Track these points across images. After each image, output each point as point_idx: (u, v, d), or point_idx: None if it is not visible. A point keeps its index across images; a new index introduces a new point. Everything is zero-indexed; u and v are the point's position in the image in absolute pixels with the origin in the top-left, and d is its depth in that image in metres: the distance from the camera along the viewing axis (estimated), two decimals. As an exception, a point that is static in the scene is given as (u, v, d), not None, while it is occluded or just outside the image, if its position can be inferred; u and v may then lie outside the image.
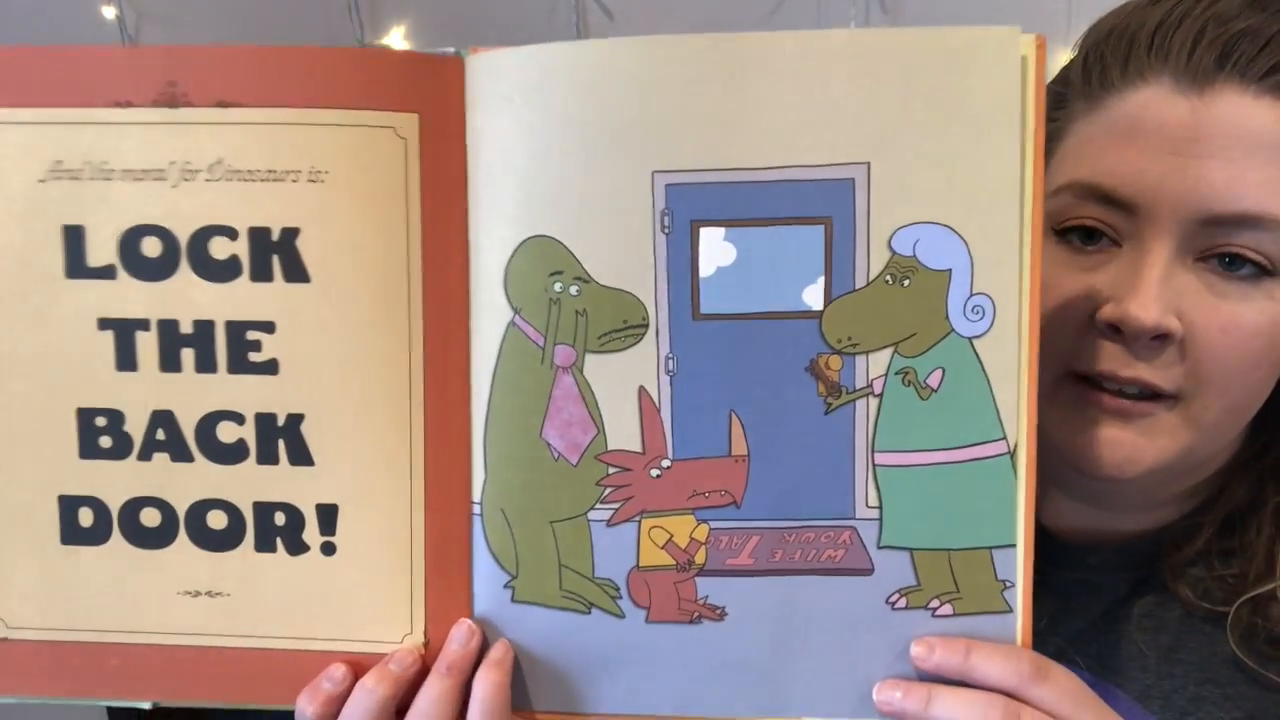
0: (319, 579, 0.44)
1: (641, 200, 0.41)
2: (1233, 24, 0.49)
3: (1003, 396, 0.41)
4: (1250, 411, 0.54)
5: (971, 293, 0.41)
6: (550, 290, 0.42)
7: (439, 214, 0.43)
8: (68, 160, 0.43)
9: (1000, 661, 0.42)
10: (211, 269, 0.43)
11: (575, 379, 0.42)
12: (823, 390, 0.41)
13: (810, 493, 0.42)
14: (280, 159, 0.42)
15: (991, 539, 0.42)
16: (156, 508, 0.45)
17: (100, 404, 0.44)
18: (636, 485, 0.43)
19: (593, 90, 0.41)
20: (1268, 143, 0.48)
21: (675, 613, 0.43)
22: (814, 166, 0.40)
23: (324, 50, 0.42)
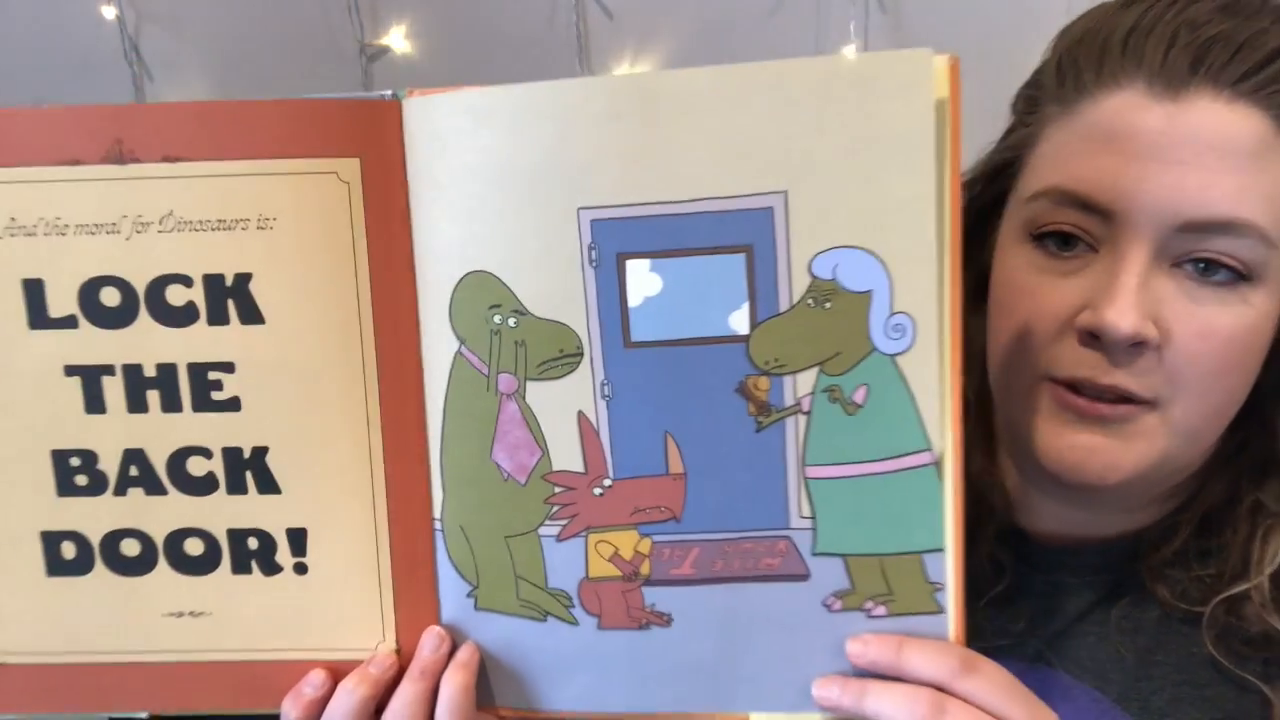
0: (294, 596, 0.48)
1: (569, 236, 0.43)
2: (1205, 29, 0.49)
3: (926, 409, 0.43)
4: (1227, 415, 0.54)
5: (892, 312, 0.42)
6: (491, 322, 0.44)
7: (385, 252, 0.45)
8: (21, 217, 0.45)
9: (930, 656, 0.43)
10: (170, 315, 0.45)
11: (519, 405, 0.45)
12: (753, 410, 0.44)
13: (746, 506, 0.45)
14: (229, 209, 0.44)
15: (921, 544, 0.44)
16: (136, 538, 0.48)
17: (73, 445, 0.47)
18: (581, 503, 0.45)
19: (517, 133, 0.42)
20: (1241, 148, 0.48)
21: (625, 619, 0.46)
22: (733, 197, 0.42)
23: (264, 103, 0.44)
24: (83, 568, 0.48)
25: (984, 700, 0.43)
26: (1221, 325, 0.50)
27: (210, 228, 0.44)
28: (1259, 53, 0.49)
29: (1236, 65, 0.48)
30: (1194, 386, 0.50)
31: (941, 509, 0.44)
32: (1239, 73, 0.48)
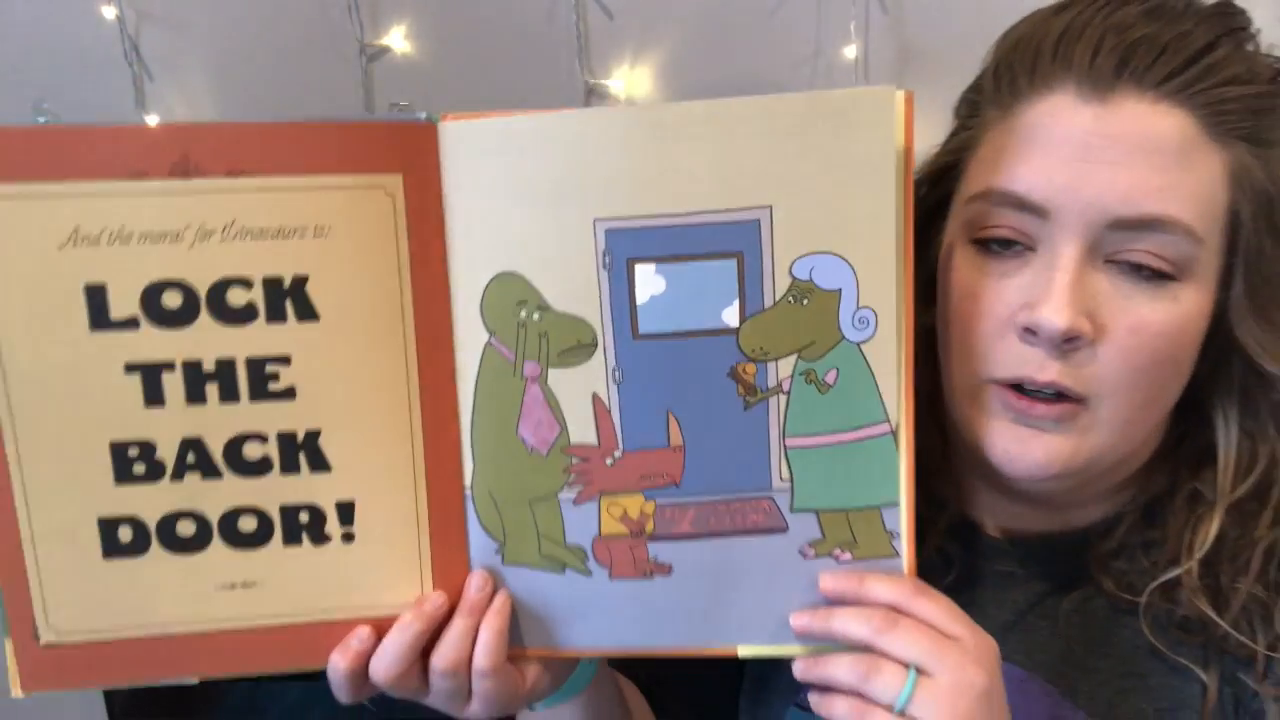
0: (341, 563, 0.53)
1: (587, 243, 0.50)
2: (1130, 33, 0.51)
3: (885, 388, 0.51)
4: (1162, 407, 0.56)
5: (858, 307, 0.51)
6: (518, 316, 0.52)
7: (423, 256, 0.51)
8: (85, 227, 0.49)
9: (887, 583, 0.51)
10: (230, 315, 0.50)
11: (541, 388, 0.52)
12: (741, 391, 0.52)
13: (735, 472, 0.53)
14: (288, 218, 0.49)
15: (880, 499, 0.53)
16: (191, 519, 0.52)
17: (131, 437, 0.51)
18: (595, 472, 0.53)
19: (542, 155, 0.50)
20: (1166, 147, 0.50)
21: (632, 570, 0.54)
22: (727, 211, 0.50)
23: (320, 125, 0.50)
24: (139, 549, 0.52)
25: (933, 618, 0.49)
26: (1152, 321, 0.52)
27: (270, 235, 0.50)
28: (1182, 54, 0.51)
29: (1160, 67, 0.51)
30: (1126, 380, 0.52)
31: (898, 470, 0.52)
32: (1162, 74, 0.50)
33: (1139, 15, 0.52)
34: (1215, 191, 0.52)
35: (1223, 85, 0.52)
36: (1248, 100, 0.52)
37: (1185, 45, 0.51)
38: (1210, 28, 0.53)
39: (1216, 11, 0.55)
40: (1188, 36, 0.52)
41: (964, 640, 0.49)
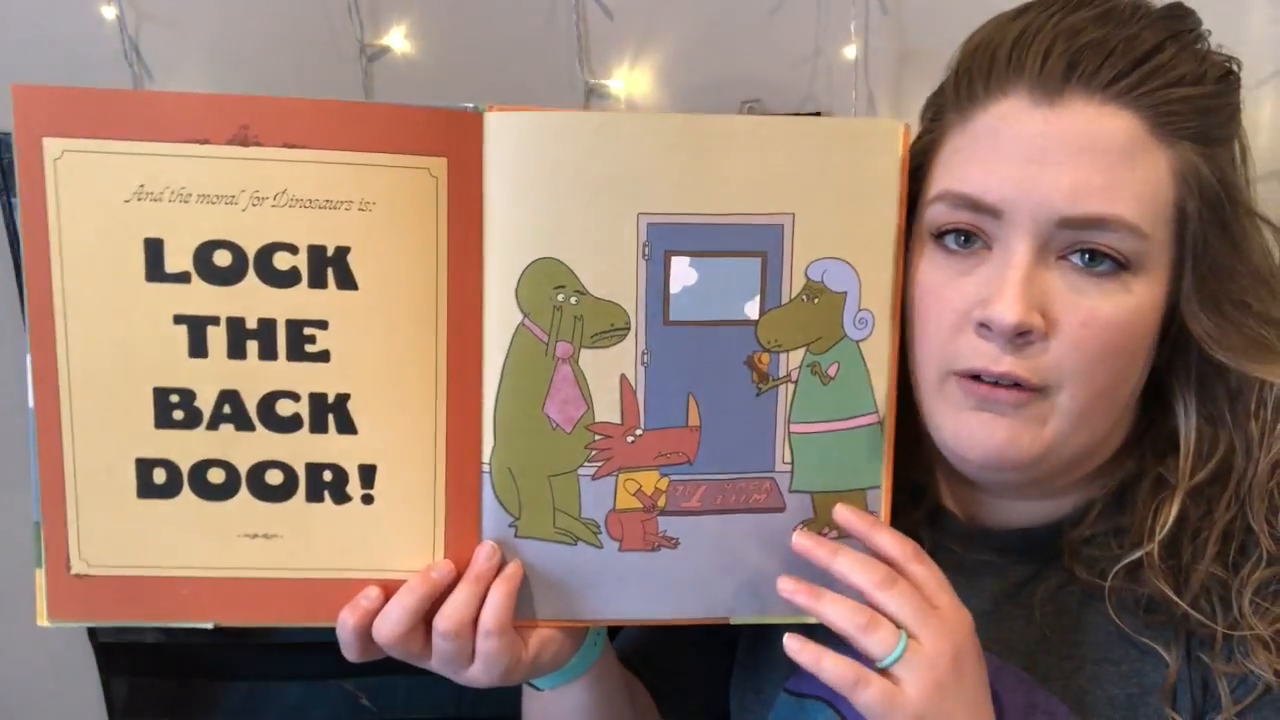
0: (359, 523, 0.56)
1: (629, 234, 0.54)
2: (1079, 37, 0.53)
3: (877, 382, 0.57)
4: (1120, 397, 0.57)
5: (859, 308, 0.56)
6: (554, 299, 0.54)
7: (461, 236, 0.54)
8: (149, 185, 0.52)
9: (894, 538, 0.54)
10: (275, 277, 0.53)
11: (572, 368, 0.55)
12: (755, 378, 0.56)
13: (743, 453, 0.56)
14: (336, 191, 0.52)
15: (865, 483, 0.58)
16: (222, 468, 0.55)
17: (174, 384, 0.54)
18: (616, 448, 0.56)
19: (591, 151, 0.53)
20: (1113, 148, 0.52)
21: (641, 543, 0.57)
22: (755, 214, 0.54)
23: (373, 106, 0.53)
24: (171, 491, 0.55)
25: (925, 584, 0.52)
26: (1103, 313, 0.54)
27: (318, 206, 0.52)
28: (1128, 57, 0.53)
29: (1107, 70, 0.53)
30: (1080, 371, 0.54)
31: (882, 457, 0.57)
32: (1109, 76, 0.52)
33: (1089, 20, 0.54)
34: (1160, 189, 0.54)
35: (1169, 87, 0.53)
36: (1194, 101, 0.54)
37: (1132, 48, 0.53)
38: (1158, 30, 0.55)
39: (1166, 15, 0.56)
40: (1135, 39, 0.54)
41: (944, 610, 0.52)
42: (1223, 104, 0.56)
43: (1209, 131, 0.55)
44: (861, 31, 0.87)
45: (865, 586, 0.52)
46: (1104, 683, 0.59)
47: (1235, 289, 0.56)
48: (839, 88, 0.87)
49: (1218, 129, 0.56)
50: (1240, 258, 0.57)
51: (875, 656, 0.51)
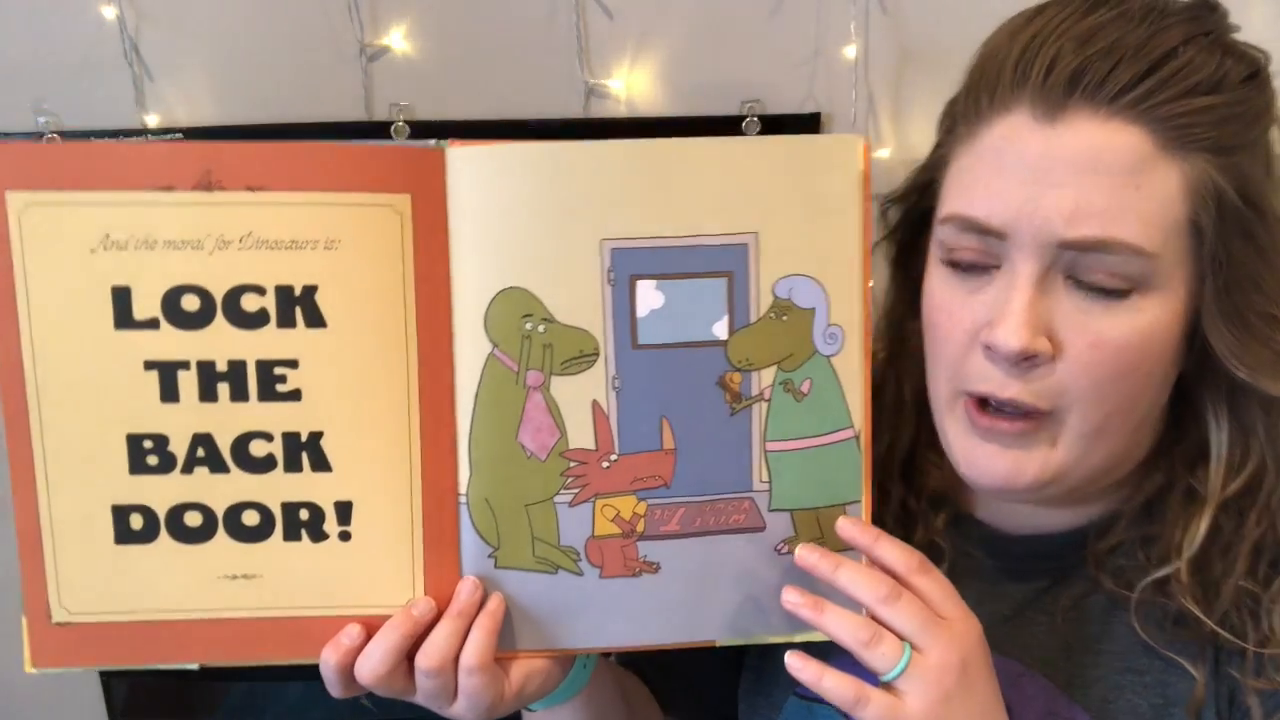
0: (337, 560, 0.56)
1: (593, 260, 0.54)
2: (1087, 46, 0.50)
3: (851, 397, 0.57)
4: (1138, 414, 0.55)
5: (829, 324, 0.56)
6: (523, 328, 0.55)
7: (428, 270, 0.54)
8: (115, 233, 0.52)
9: (898, 549, 0.53)
10: (243, 319, 0.53)
11: (544, 396, 0.55)
12: (728, 398, 0.56)
13: (720, 474, 0.56)
14: (301, 231, 0.53)
15: (845, 497, 0.57)
16: (198, 510, 0.55)
17: (146, 429, 0.54)
18: (591, 475, 0.56)
19: (553, 181, 0.53)
20: (1115, 167, 0.50)
21: (622, 569, 0.57)
22: (718, 235, 0.54)
23: (336, 146, 0.53)
24: (148, 537, 0.55)
25: (931, 596, 0.52)
26: (1113, 335, 0.52)
27: (284, 246, 0.53)
28: (1137, 65, 0.50)
29: (1113, 82, 0.50)
30: (1089, 394, 0.53)
31: (860, 470, 0.57)
32: (1115, 89, 0.50)
33: (1102, 24, 0.52)
34: (1170, 206, 0.52)
35: (1182, 97, 0.51)
36: (1210, 110, 0.51)
37: (1143, 55, 0.51)
38: (1175, 33, 0.52)
39: (1187, 14, 0.53)
40: (1146, 45, 0.51)
41: (954, 622, 0.51)
42: (1245, 110, 0.53)
43: (1228, 139, 0.52)
44: (861, 31, 0.87)
45: (869, 600, 0.52)
46: (1128, 693, 0.58)
47: (1261, 301, 0.54)
48: (839, 88, 0.88)
49: (1239, 135, 0.53)
50: (1268, 268, 0.54)
51: (879, 671, 0.51)
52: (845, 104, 0.89)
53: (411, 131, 0.91)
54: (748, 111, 0.89)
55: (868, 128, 0.91)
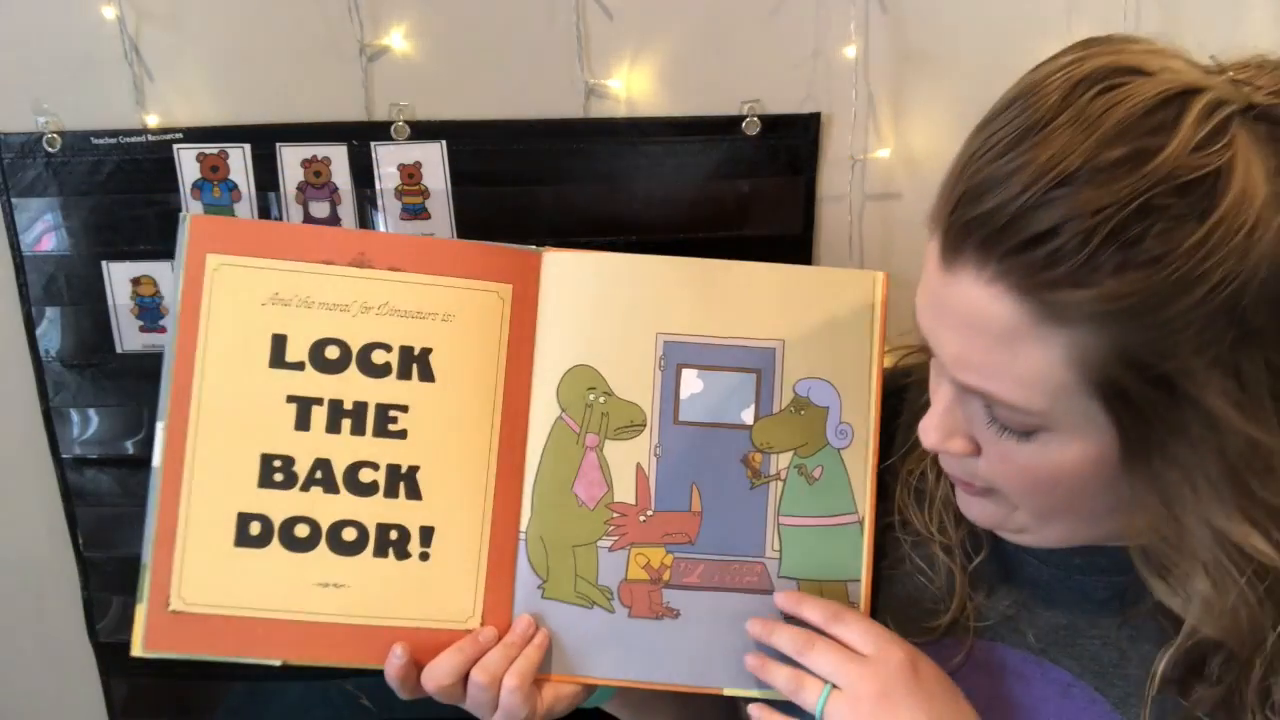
0: (414, 577, 0.67)
1: (649, 349, 0.68)
2: (982, 200, 0.46)
3: (857, 486, 0.67)
4: (1084, 512, 0.54)
5: (840, 421, 0.67)
6: (587, 399, 0.68)
7: (517, 345, 0.68)
8: (282, 293, 0.67)
9: (815, 606, 0.61)
10: (371, 369, 0.67)
11: (598, 455, 0.68)
12: (749, 474, 0.67)
13: (738, 539, 0.67)
14: (427, 305, 0.67)
15: (847, 575, 0.67)
16: (307, 524, 0.66)
17: (278, 451, 0.66)
18: (630, 525, 0.68)
19: (622, 283, 0.68)
20: (993, 329, 0.48)
21: (648, 611, 0.67)
22: (753, 339, 0.68)
23: (460, 243, 0.69)
24: (263, 542, 0.66)
25: (847, 639, 0.59)
26: (1019, 457, 0.51)
27: (412, 316, 0.67)
28: (1016, 237, 0.45)
29: (996, 245, 0.46)
30: (1016, 494, 0.54)
31: (862, 553, 0.67)
32: (999, 253, 0.46)
33: (1009, 171, 0.46)
34: (1051, 373, 0.48)
35: (1060, 284, 0.45)
36: (1093, 299, 0.45)
37: (1025, 226, 0.45)
38: (1067, 204, 0.45)
39: (1091, 177, 0.45)
40: (1030, 215, 0.45)
41: (870, 658, 0.58)
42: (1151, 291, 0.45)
43: (1128, 321, 0.46)
44: (861, 31, 0.86)
45: (791, 653, 0.61)
46: (1181, 710, 0.57)
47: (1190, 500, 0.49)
48: (839, 88, 0.88)
49: (1144, 316, 0.45)
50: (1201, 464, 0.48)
51: (809, 708, 0.59)
52: (845, 104, 0.88)
53: (411, 131, 0.91)
54: (748, 111, 0.89)
55: (867, 127, 0.91)
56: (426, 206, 0.92)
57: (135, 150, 0.91)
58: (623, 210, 0.93)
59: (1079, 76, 0.47)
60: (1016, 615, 0.61)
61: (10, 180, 0.92)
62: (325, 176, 0.91)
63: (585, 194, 0.93)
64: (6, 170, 0.92)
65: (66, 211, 0.94)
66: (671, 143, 0.92)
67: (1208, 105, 0.45)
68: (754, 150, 0.92)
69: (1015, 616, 0.61)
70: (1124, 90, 0.46)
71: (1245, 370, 0.47)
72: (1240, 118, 0.46)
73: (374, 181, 0.92)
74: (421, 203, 0.93)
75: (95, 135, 0.91)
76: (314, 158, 0.91)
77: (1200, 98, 0.46)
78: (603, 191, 0.93)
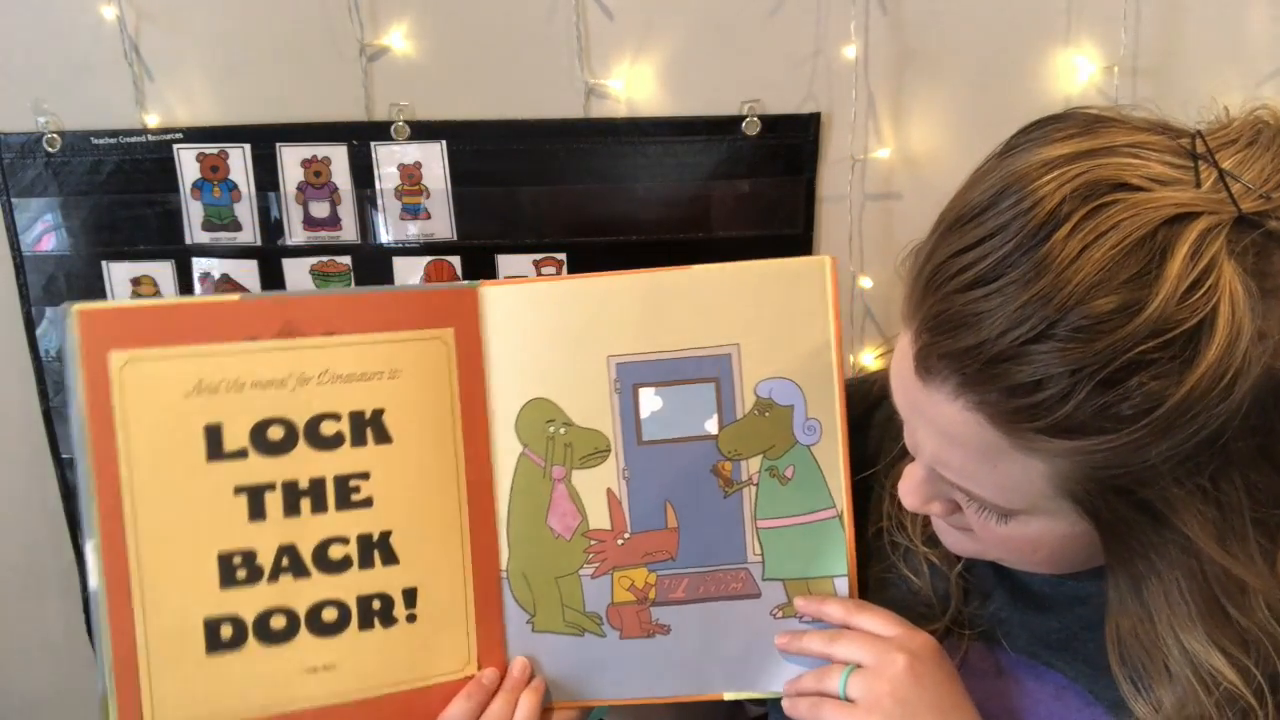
0: (405, 641, 0.65)
1: (602, 374, 0.67)
2: (957, 338, 0.45)
3: (832, 481, 0.67)
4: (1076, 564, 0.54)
5: (807, 418, 0.66)
6: (548, 431, 0.67)
7: (469, 389, 0.66)
8: (207, 380, 0.61)
9: (836, 603, 0.64)
10: (322, 443, 0.63)
11: (566, 486, 0.68)
12: (721, 484, 0.68)
13: (718, 548, 0.67)
14: (369, 365, 0.63)
15: (831, 570, 0.67)
16: (283, 614, 0.63)
17: (236, 547, 0.62)
18: (609, 551, 0.68)
19: (567, 310, 0.66)
20: (971, 445, 0.47)
21: (638, 631, 0.68)
22: (705, 347, 0.67)
23: (391, 293, 0.65)
24: (237, 644, 0.62)
25: (871, 626, 0.61)
26: (999, 530, 0.52)
27: (355, 379, 0.63)
28: (999, 382, 0.44)
29: (972, 385, 0.45)
30: (998, 554, 0.56)
31: (844, 546, 0.67)
32: (976, 391, 0.45)
33: (988, 310, 0.44)
34: (1030, 483, 0.48)
35: (1039, 433, 0.45)
36: (1071, 450, 0.45)
37: (1005, 375, 0.44)
38: (1050, 359, 0.43)
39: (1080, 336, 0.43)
40: (1010, 365, 0.44)
41: (896, 637, 0.60)
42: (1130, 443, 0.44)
43: (1104, 461, 0.45)
44: (861, 31, 0.88)
45: (821, 651, 0.63)
46: None
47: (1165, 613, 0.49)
48: (839, 88, 0.90)
49: (1122, 461, 0.45)
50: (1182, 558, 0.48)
51: (833, 693, 0.61)
52: (845, 104, 0.90)
53: (411, 131, 0.93)
54: (748, 111, 0.90)
55: (868, 128, 0.92)
56: (426, 206, 0.94)
57: (135, 150, 0.93)
58: (623, 210, 0.93)
59: (1060, 198, 0.44)
60: (1009, 619, 0.62)
61: (10, 180, 0.93)
62: (325, 176, 0.93)
63: (585, 194, 0.93)
64: (6, 170, 0.93)
65: (66, 211, 0.95)
66: (671, 143, 0.92)
67: (1195, 240, 0.43)
68: (754, 150, 0.92)
69: (1008, 620, 0.62)
70: (1109, 217, 0.44)
71: (1225, 495, 0.46)
72: (1228, 241, 0.44)
73: (374, 181, 0.93)
74: (421, 203, 0.94)
75: (95, 135, 0.92)
76: (314, 158, 0.92)
77: (1188, 230, 0.43)
78: (603, 191, 0.93)
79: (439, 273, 1.02)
